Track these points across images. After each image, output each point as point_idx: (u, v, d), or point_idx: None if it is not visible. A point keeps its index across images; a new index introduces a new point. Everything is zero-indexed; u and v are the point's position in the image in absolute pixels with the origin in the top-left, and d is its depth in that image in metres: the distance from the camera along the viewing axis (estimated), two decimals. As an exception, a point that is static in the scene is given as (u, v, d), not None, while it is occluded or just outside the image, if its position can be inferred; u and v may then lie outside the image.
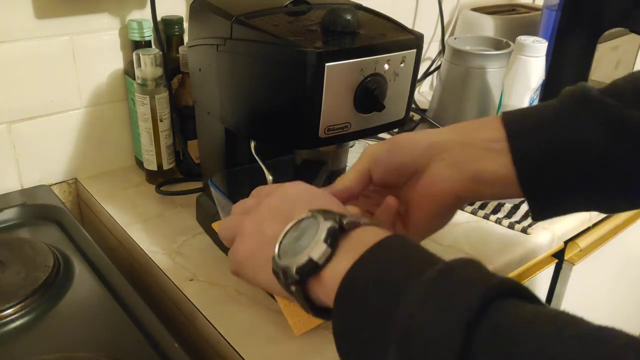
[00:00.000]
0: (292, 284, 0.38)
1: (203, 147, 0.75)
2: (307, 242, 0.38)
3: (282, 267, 0.38)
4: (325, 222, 0.37)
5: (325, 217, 0.38)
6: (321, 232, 0.37)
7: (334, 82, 0.53)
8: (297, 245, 0.38)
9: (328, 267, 0.37)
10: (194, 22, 0.66)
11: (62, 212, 0.78)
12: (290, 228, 0.40)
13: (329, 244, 0.37)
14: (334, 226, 0.37)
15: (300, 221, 0.40)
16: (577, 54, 1.05)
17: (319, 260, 0.37)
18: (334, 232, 0.37)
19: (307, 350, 0.57)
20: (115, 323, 0.59)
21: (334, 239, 0.37)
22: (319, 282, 0.37)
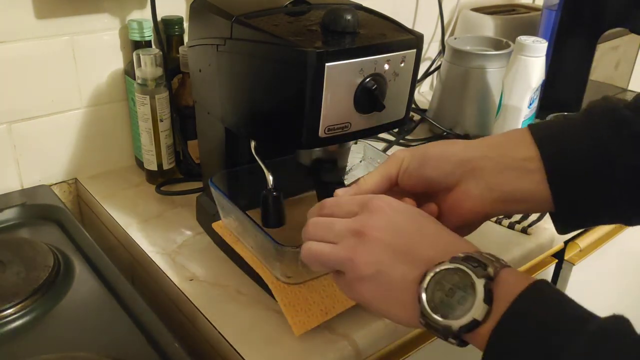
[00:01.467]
0: (451, 338, 0.39)
1: (203, 147, 0.75)
2: (463, 300, 0.38)
3: (442, 325, 0.38)
4: (479, 279, 0.38)
5: (476, 273, 0.38)
6: (479, 291, 0.37)
7: (334, 82, 0.53)
8: (450, 301, 0.39)
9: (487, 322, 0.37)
10: (194, 22, 0.66)
11: (62, 212, 0.78)
12: (432, 278, 0.39)
13: (488, 303, 0.37)
14: (488, 282, 0.38)
15: (443, 271, 0.39)
16: (577, 54, 1.05)
17: (480, 318, 0.37)
18: (489, 289, 0.37)
19: (307, 350, 0.57)
20: (115, 323, 0.59)
21: (491, 295, 0.37)
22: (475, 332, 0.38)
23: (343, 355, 0.57)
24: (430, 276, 0.39)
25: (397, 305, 0.42)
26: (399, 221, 0.44)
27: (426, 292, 0.39)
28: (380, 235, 0.43)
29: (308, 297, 0.59)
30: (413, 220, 0.44)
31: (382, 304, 0.43)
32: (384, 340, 0.61)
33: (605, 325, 0.34)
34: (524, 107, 0.88)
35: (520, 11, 1.27)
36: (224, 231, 0.67)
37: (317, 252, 0.45)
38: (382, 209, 0.44)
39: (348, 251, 0.43)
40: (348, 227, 0.44)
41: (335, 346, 0.57)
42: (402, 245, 0.42)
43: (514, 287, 0.37)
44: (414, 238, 0.43)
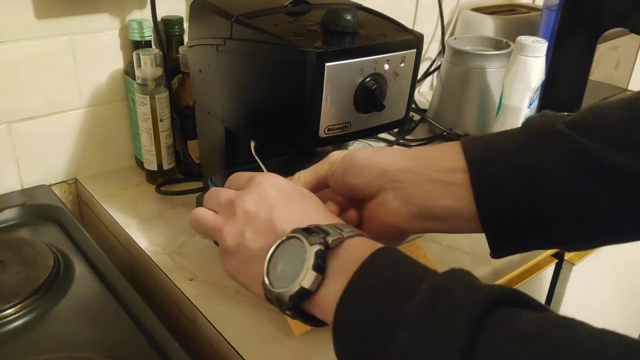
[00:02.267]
0: (286, 310, 0.38)
1: (203, 147, 0.75)
2: (295, 268, 0.38)
3: (275, 295, 0.38)
4: (311, 246, 0.37)
5: (310, 241, 0.38)
6: (309, 258, 0.37)
7: (334, 82, 0.53)
8: (285, 271, 0.39)
9: (321, 292, 0.37)
10: (193, 22, 0.66)
11: (62, 212, 0.78)
12: (276, 249, 0.40)
13: (319, 270, 0.37)
14: (321, 249, 0.37)
15: (284, 242, 0.40)
16: (577, 54, 1.06)
17: (311, 288, 0.37)
18: (321, 256, 0.37)
19: (307, 350, 0.57)
20: (115, 323, 0.59)
21: (322, 263, 0.37)
22: (312, 304, 0.38)
23: (343, 355, 0.57)
24: (273, 248, 0.40)
25: (251, 277, 0.42)
26: (271, 196, 0.44)
27: (270, 263, 0.40)
28: (248, 208, 0.43)
29: None
30: (285, 195, 0.44)
31: (242, 276, 0.44)
32: (384, 340, 0.61)
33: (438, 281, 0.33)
34: (524, 107, 0.88)
35: (520, 11, 1.27)
36: (224, 231, 0.67)
37: (199, 218, 0.47)
38: (260, 183, 0.45)
39: (220, 222, 0.45)
40: (227, 199, 0.46)
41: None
42: (265, 219, 0.42)
43: (355, 256, 0.36)
44: (277, 211, 0.43)
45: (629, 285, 1.17)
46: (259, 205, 0.43)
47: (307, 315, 0.39)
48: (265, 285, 0.39)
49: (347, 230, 0.39)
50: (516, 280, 0.79)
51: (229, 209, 0.45)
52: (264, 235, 0.42)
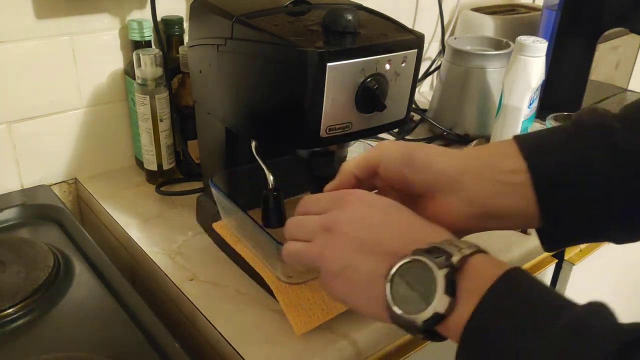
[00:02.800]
0: (417, 333, 0.38)
1: (203, 147, 0.75)
2: (425, 292, 0.37)
3: (407, 320, 0.38)
4: (440, 270, 0.36)
5: (437, 264, 0.37)
6: (440, 282, 0.36)
7: (335, 82, 0.53)
8: (412, 295, 0.38)
9: (453, 315, 0.37)
10: (194, 22, 0.66)
11: (62, 212, 0.78)
12: (396, 272, 0.39)
13: (451, 294, 0.36)
14: (450, 271, 0.37)
15: (406, 264, 0.39)
16: (577, 54, 1.06)
17: (446, 312, 0.36)
18: (452, 280, 0.36)
19: (307, 350, 0.57)
20: (115, 323, 0.59)
21: (453, 286, 0.37)
22: (443, 327, 0.37)
23: (343, 355, 0.57)
24: (394, 270, 0.39)
25: (366, 300, 0.41)
26: (367, 214, 0.43)
27: (391, 286, 0.39)
28: (348, 230, 0.42)
29: (309, 296, 0.59)
30: (383, 212, 0.44)
31: (353, 300, 0.43)
32: (384, 340, 0.61)
33: (579, 316, 0.33)
34: (524, 107, 0.88)
35: (520, 11, 1.27)
36: (225, 231, 0.67)
37: (293, 251, 0.46)
38: (352, 203, 0.44)
39: (318, 247, 0.44)
40: (319, 224, 0.44)
41: (336, 346, 0.57)
42: (370, 239, 0.42)
43: (484, 276, 0.36)
44: (382, 231, 0.42)
45: (630, 286, 1.17)
46: (359, 225, 0.43)
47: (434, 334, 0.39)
48: (393, 311, 0.38)
49: (465, 247, 0.39)
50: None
51: (324, 233, 0.44)
52: (375, 257, 0.41)
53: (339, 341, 0.58)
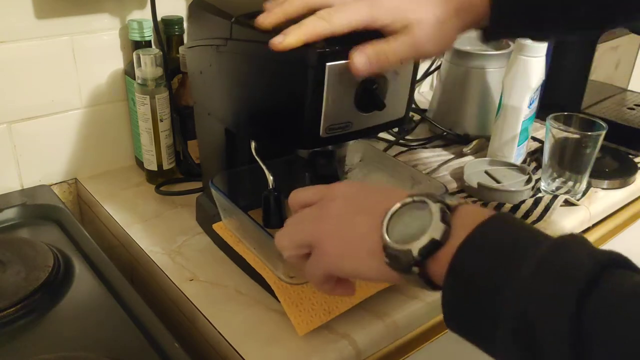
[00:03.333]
0: (413, 266, 0.39)
1: (203, 148, 0.75)
2: (421, 224, 0.39)
3: (401, 251, 0.39)
4: (434, 204, 0.39)
5: (433, 200, 0.40)
6: (435, 213, 0.38)
7: (335, 82, 0.53)
8: (406, 232, 0.40)
9: (447, 245, 0.38)
10: (193, 23, 0.66)
11: (62, 212, 0.78)
12: (394, 213, 0.41)
13: (446, 223, 0.38)
14: (444, 207, 0.39)
15: (403, 206, 0.41)
16: (577, 54, 1.05)
17: (441, 239, 0.38)
18: (446, 213, 0.39)
19: (307, 350, 0.57)
20: (115, 323, 0.59)
21: (447, 218, 0.39)
22: (434, 260, 0.39)
23: (343, 355, 0.57)
24: (390, 214, 0.41)
25: (363, 255, 0.43)
26: (352, 190, 0.47)
27: (387, 228, 0.41)
28: (336, 204, 0.45)
29: (311, 296, 0.59)
30: (366, 187, 0.47)
31: (349, 260, 0.44)
32: (384, 340, 0.61)
33: (558, 241, 0.35)
34: (524, 107, 0.88)
35: (520, 11, 1.27)
36: (225, 232, 0.67)
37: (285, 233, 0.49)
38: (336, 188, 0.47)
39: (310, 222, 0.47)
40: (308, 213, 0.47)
41: (336, 346, 0.57)
42: (359, 204, 0.45)
43: (473, 215, 0.38)
44: (370, 196, 0.45)
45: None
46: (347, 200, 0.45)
47: (425, 278, 0.40)
48: (387, 245, 0.40)
49: (460, 200, 0.42)
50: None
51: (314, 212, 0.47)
52: (367, 214, 0.43)
53: (339, 341, 0.58)
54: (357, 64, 0.50)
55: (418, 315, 0.63)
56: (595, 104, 1.13)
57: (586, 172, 0.83)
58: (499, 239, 0.36)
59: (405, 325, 0.62)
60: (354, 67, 0.50)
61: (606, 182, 0.89)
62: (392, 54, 0.50)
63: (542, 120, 0.99)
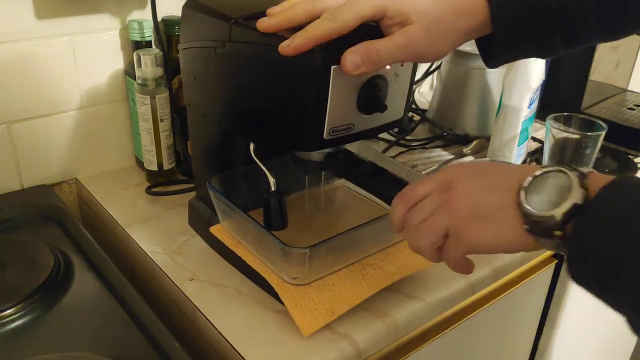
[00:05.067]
0: (556, 230, 0.40)
1: (197, 151, 0.74)
2: (560, 192, 0.41)
3: (545, 217, 0.41)
4: (571, 172, 0.41)
5: (567, 169, 0.41)
6: (574, 180, 0.40)
7: (339, 84, 0.52)
8: (549, 197, 0.41)
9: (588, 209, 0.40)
10: (187, 24, 0.64)
11: (62, 212, 0.78)
12: (529, 185, 0.42)
13: (584, 188, 0.40)
14: (580, 175, 0.41)
15: (535, 178, 0.42)
16: (577, 54, 1.05)
17: (583, 202, 0.39)
18: (583, 179, 0.40)
19: (307, 350, 0.57)
20: (115, 323, 0.59)
21: (585, 181, 0.40)
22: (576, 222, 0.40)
23: (343, 355, 0.57)
24: (527, 183, 0.42)
25: (503, 229, 0.44)
26: (469, 170, 0.47)
27: (523, 197, 0.42)
28: (463, 186, 0.46)
29: (314, 297, 0.59)
30: (485, 165, 0.48)
31: (490, 237, 0.44)
32: (384, 340, 0.61)
33: None
34: (524, 107, 0.88)
35: (520, 11, 1.27)
36: (224, 235, 0.67)
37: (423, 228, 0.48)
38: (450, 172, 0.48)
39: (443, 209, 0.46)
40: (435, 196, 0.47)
41: (336, 346, 0.57)
42: (488, 182, 0.45)
43: (604, 180, 0.40)
44: (495, 174, 0.46)
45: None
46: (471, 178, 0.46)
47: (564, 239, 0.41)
48: (530, 213, 0.41)
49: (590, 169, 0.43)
50: (516, 280, 0.80)
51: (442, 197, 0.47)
52: (498, 191, 0.44)
53: (339, 341, 0.58)
54: (347, 64, 0.50)
55: (418, 315, 0.63)
56: (595, 104, 1.13)
57: (586, 172, 0.83)
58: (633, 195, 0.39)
59: (405, 325, 0.62)
60: (345, 66, 0.50)
61: (606, 183, 0.89)
62: (384, 54, 0.50)
63: (542, 120, 0.99)
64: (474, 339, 0.80)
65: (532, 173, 0.43)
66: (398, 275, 0.63)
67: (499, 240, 0.44)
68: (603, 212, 0.39)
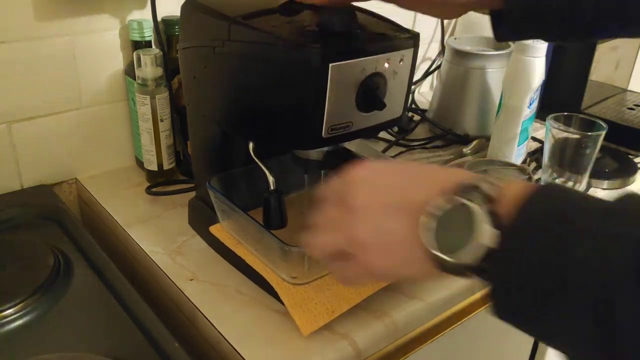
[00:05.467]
0: (469, 272, 0.37)
1: (196, 150, 0.74)
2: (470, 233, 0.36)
3: (459, 265, 0.36)
4: (475, 205, 0.36)
5: (472, 199, 0.36)
6: (482, 219, 0.35)
7: (337, 82, 0.52)
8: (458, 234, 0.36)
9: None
10: (185, 24, 0.65)
11: (62, 212, 0.78)
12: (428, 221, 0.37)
13: (496, 226, 0.35)
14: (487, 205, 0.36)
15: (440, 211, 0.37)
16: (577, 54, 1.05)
17: (496, 245, 0.35)
18: (493, 212, 0.35)
19: (307, 350, 0.57)
20: (115, 323, 0.59)
21: (497, 217, 0.35)
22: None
23: (343, 355, 0.57)
24: (426, 220, 0.37)
25: (407, 261, 0.39)
26: (377, 179, 0.42)
27: (428, 237, 0.37)
28: (366, 200, 0.41)
29: (314, 296, 0.59)
30: (391, 172, 0.43)
31: (394, 269, 0.41)
32: (384, 340, 0.61)
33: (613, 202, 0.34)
34: (524, 107, 0.88)
35: (520, 11, 1.27)
36: (223, 235, 0.67)
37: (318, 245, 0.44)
38: (358, 177, 0.43)
39: (345, 229, 0.42)
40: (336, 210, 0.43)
41: (336, 346, 0.57)
42: (392, 200, 0.40)
43: (518, 199, 0.35)
44: (401, 188, 0.40)
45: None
46: (376, 192, 0.41)
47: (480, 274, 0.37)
48: (436, 256, 0.37)
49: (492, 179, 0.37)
50: None
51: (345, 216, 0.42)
52: (405, 212, 0.39)
53: (339, 341, 0.58)
54: None
55: (418, 315, 0.63)
56: (595, 104, 1.13)
57: (586, 172, 0.83)
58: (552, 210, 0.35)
59: (405, 325, 0.62)
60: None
61: (606, 183, 0.89)
62: None
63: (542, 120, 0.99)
64: (474, 339, 0.80)
65: (440, 195, 0.37)
66: (398, 275, 0.63)
67: (407, 273, 0.41)
68: (520, 244, 0.34)
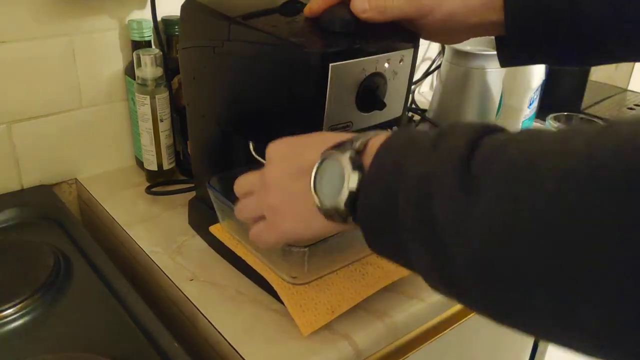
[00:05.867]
0: (348, 217, 0.40)
1: (196, 150, 0.74)
2: (338, 179, 0.40)
3: (333, 209, 0.40)
4: (343, 155, 0.40)
5: (341, 150, 0.40)
6: (345, 164, 0.39)
7: (338, 82, 0.53)
8: (330, 186, 0.40)
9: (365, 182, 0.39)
10: (185, 24, 0.65)
11: (62, 212, 0.78)
12: (315, 176, 0.42)
13: (359, 169, 0.39)
14: (352, 153, 0.39)
15: (320, 165, 0.42)
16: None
17: (358, 187, 0.39)
18: (356, 159, 0.39)
19: (307, 350, 0.57)
20: (115, 323, 0.59)
21: (359, 163, 0.39)
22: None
23: (343, 355, 0.57)
24: (314, 172, 0.42)
25: (310, 216, 0.43)
26: (285, 149, 0.47)
27: (315, 189, 0.42)
28: (273, 164, 0.47)
29: (314, 296, 0.59)
30: (298, 142, 0.47)
31: (298, 227, 0.45)
32: (384, 340, 0.61)
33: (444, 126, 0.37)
34: (524, 107, 0.88)
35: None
36: (223, 235, 0.67)
37: (242, 208, 0.51)
38: (269, 149, 0.48)
39: (261, 198, 0.48)
40: (256, 179, 0.49)
41: (335, 346, 0.57)
42: (292, 163, 0.45)
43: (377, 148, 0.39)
44: (300, 154, 0.45)
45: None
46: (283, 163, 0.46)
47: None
48: (324, 208, 0.41)
49: (371, 134, 0.41)
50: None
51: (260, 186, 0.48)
52: (303, 175, 0.43)
53: (339, 341, 0.58)
54: (356, 6, 0.53)
55: (418, 316, 0.63)
56: (595, 104, 1.13)
57: (586, 172, 0.83)
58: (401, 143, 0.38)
59: (405, 326, 0.62)
60: (354, 7, 0.53)
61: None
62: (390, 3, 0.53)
63: (542, 120, 0.99)
64: (474, 339, 0.80)
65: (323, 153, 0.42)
66: (398, 274, 0.63)
67: (308, 229, 0.44)
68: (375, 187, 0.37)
